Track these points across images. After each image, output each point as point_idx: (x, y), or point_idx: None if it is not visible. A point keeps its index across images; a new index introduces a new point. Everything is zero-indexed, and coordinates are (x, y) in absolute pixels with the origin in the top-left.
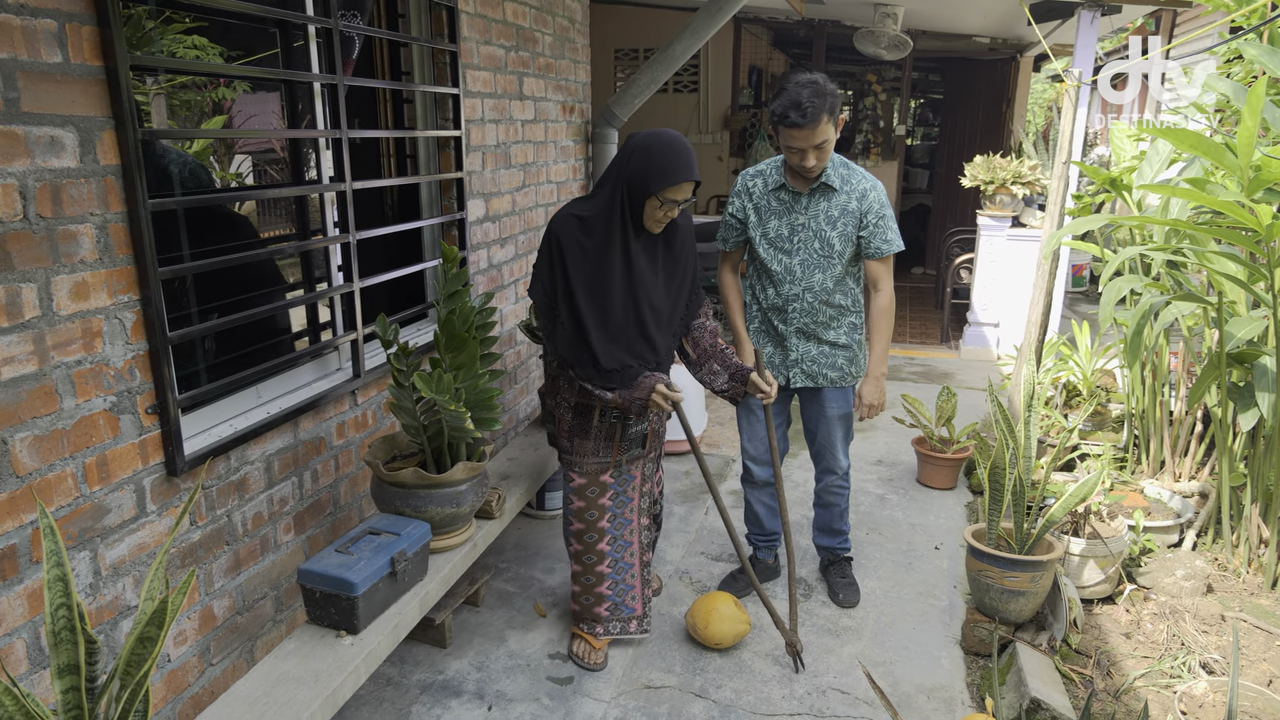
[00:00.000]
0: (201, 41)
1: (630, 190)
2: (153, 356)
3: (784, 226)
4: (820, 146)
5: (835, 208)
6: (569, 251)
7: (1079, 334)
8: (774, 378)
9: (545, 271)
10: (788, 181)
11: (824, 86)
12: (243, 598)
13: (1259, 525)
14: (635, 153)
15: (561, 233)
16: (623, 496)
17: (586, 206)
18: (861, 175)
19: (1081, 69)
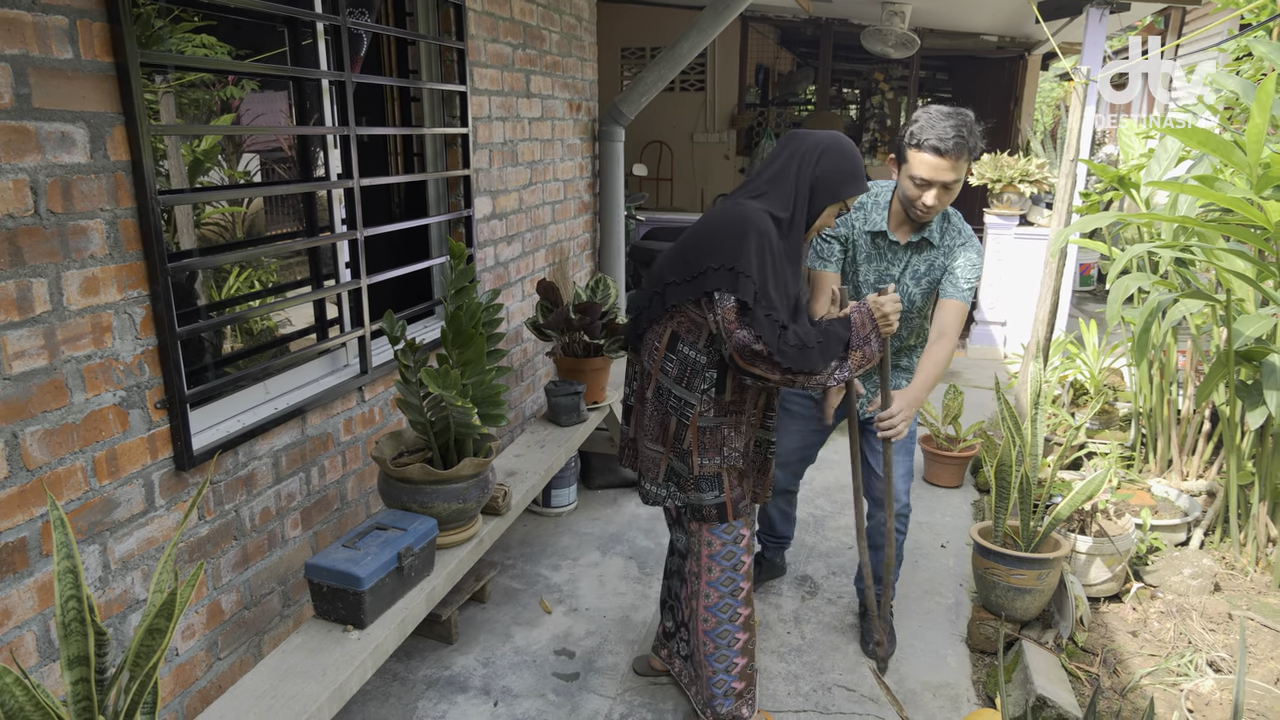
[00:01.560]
0: (210, 40)
1: (817, 192)
2: (161, 351)
3: (871, 273)
4: (948, 187)
5: (923, 262)
6: (775, 249)
7: (1086, 332)
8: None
9: (757, 271)
10: (889, 229)
11: (973, 122)
12: (250, 592)
13: (1267, 524)
14: (825, 154)
15: (763, 227)
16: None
17: (774, 205)
18: (959, 230)
19: (1090, 67)
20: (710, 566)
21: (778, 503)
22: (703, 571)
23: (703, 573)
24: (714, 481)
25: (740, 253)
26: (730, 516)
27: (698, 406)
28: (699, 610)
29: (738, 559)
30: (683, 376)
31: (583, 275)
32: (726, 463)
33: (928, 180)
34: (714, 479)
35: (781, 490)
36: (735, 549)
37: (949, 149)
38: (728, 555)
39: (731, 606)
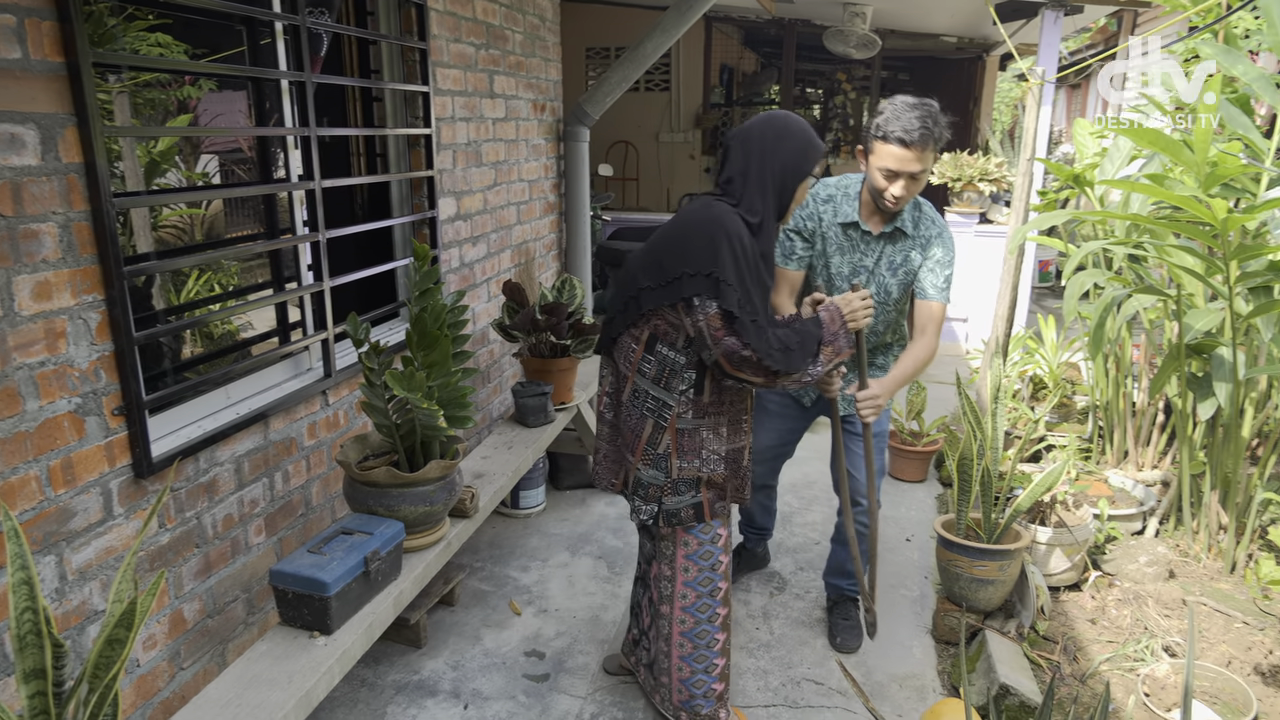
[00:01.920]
0: (165, 39)
1: (786, 178)
2: (118, 357)
3: (845, 265)
4: (916, 177)
5: (899, 253)
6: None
7: (1045, 328)
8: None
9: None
10: (860, 219)
11: (938, 113)
12: (213, 600)
13: (1218, 512)
14: (778, 138)
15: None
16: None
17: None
18: (932, 221)
19: (1045, 68)
20: (687, 567)
21: (758, 497)
22: (678, 572)
23: (678, 574)
24: (692, 484)
25: (716, 258)
26: (707, 517)
27: (675, 408)
28: (675, 613)
29: (715, 559)
30: (660, 377)
31: (549, 276)
32: (706, 466)
33: (895, 171)
34: (692, 482)
35: (761, 485)
36: (713, 549)
37: (914, 140)
38: (705, 555)
39: (710, 607)
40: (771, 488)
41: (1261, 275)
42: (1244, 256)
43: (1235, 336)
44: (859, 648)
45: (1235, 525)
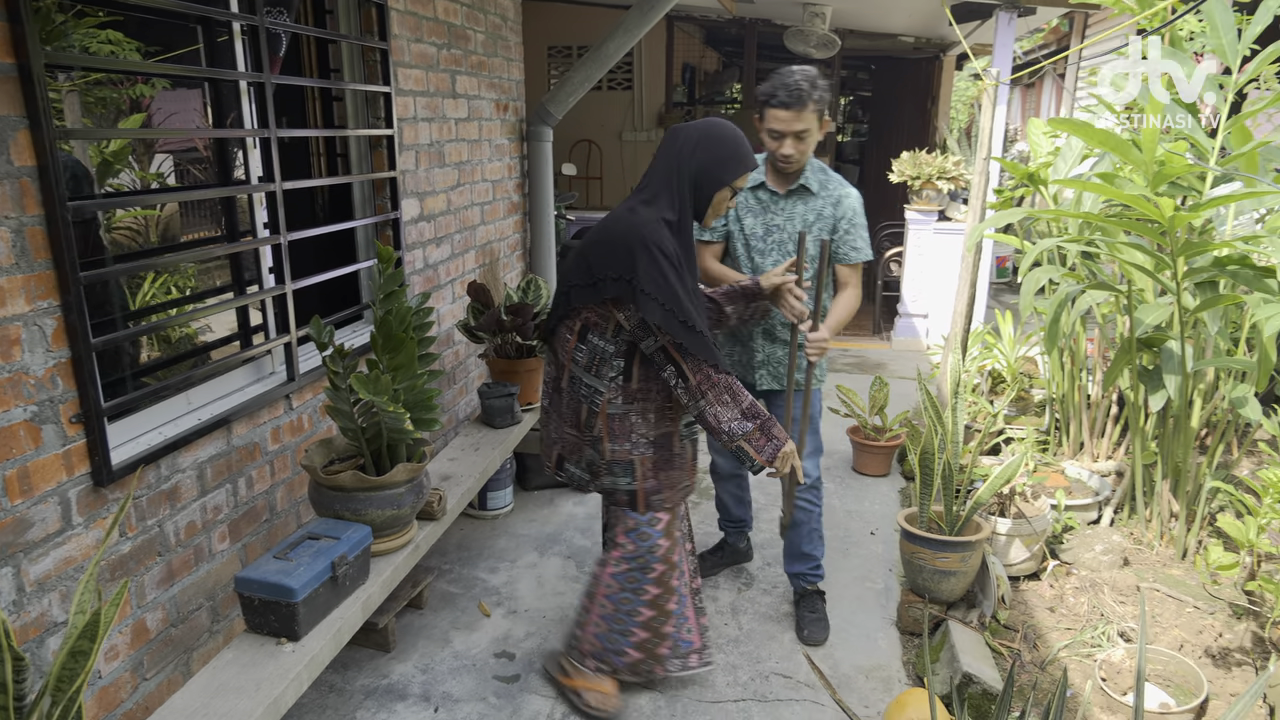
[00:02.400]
0: (117, 36)
1: (700, 183)
2: (76, 364)
3: (759, 225)
4: (801, 136)
5: (811, 211)
6: (670, 256)
7: (1002, 323)
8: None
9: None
10: (767, 181)
11: (816, 77)
12: (177, 609)
13: (1169, 500)
14: (700, 144)
15: (653, 237)
16: (683, 524)
17: (664, 208)
18: (839, 182)
19: (1000, 68)
20: (624, 543)
21: (728, 487)
22: (616, 546)
23: (616, 547)
24: (626, 467)
25: (634, 266)
26: (640, 508)
27: (606, 394)
28: (605, 575)
29: (653, 541)
30: (592, 365)
31: (514, 276)
32: (636, 450)
33: (781, 132)
34: (626, 465)
35: (729, 475)
36: (650, 531)
37: (793, 101)
38: (642, 536)
39: (639, 581)
40: (741, 477)
41: (1207, 271)
42: (1190, 253)
43: (1184, 330)
44: (826, 640)
45: (1186, 513)
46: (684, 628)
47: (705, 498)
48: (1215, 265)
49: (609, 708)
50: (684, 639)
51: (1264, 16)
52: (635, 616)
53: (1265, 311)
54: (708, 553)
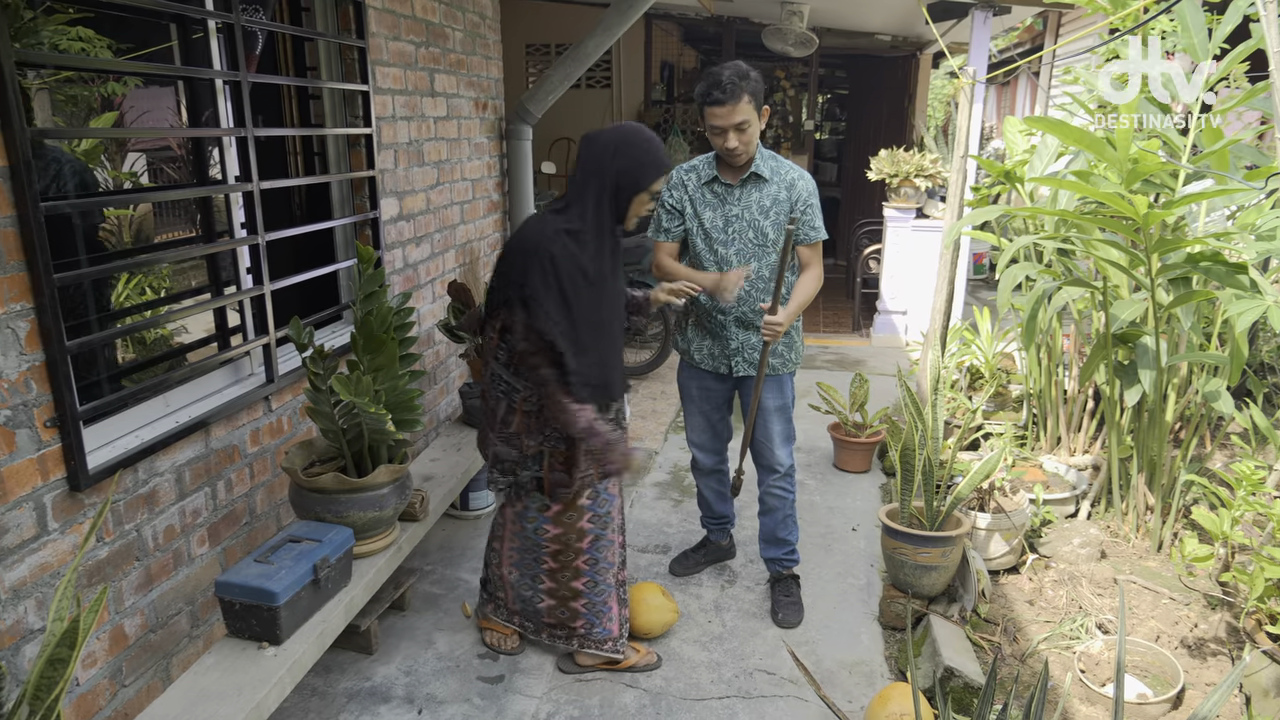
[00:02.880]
0: (88, 34)
1: (619, 188)
2: (50, 367)
3: (719, 218)
4: (741, 127)
5: (767, 198)
6: (562, 269)
7: (980, 319)
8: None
9: (543, 295)
10: (719, 174)
11: (745, 70)
12: (156, 615)
13: (1145, 494)
14: (619, 149)
15: (552, 249)
16: (605, 519)
17: (572, 218)
18: (790, 166)
19: (976, 67)
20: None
21: (709, 483)
22: (508, 522)
23: (508, 524)
24: (537, 459)
25: (527, 276)
26: (546, 490)
27: (522, 391)
28: (504, 549)
29: (539, 525)
30: (510, 362)
31: None
32: (548, 442)
33: (721, 127)
34: (537, 456)
35: (710, 470)
36: (540, 519)
37: (726, 97)
38: (531, 520)
39: (533, 567)
40: (722, 472)
41: (1180, 267)
42: (1164, 249)
43: (1158, 326)
44: (799, 623)
45: (1161, 506)
46: (605, 616)
47: (688, 495)
48: (1188, 261)
49: (507, 646)
50: (603, 627)
51: (1233, 16)
52: (539, 583)
53: (1237, 307)
54: (690, 551)
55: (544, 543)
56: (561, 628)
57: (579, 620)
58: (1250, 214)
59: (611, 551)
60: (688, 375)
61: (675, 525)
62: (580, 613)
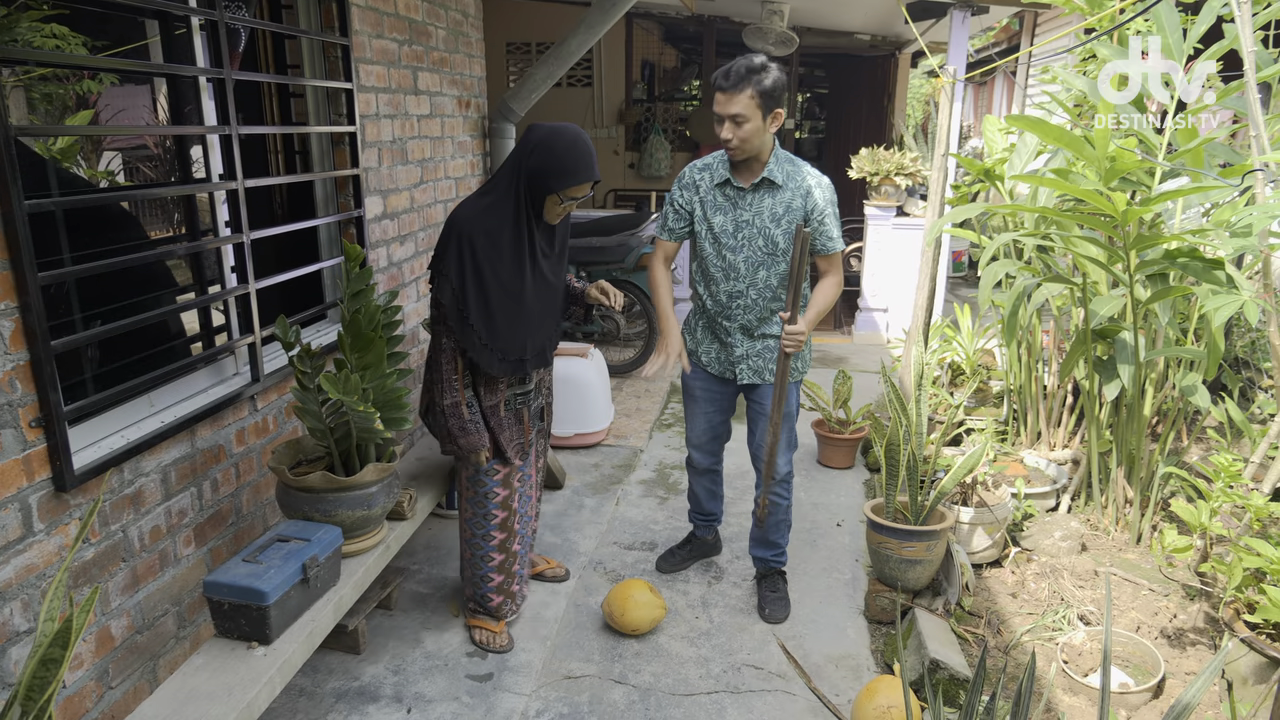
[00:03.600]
0: (62, 30)
1: (531, 186)
2: (35, 366)
3: (728, 223)
4: (736, 120)
5: (780, 205)
6: (479, 249)
7: (961, 316)
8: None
9: (455, 272)
10: (732, 177)
11: (762, 65)
12: (142, 616)
13: (1124, 487)
14: (537, 149)
15: (469, 230)
16: (525, 476)
17: (487, 202)
18: (808, 172)
19: (955, 66)
20: (467, 490)
21: (702, 481)
22: (463, 500)
23: (463, 501)
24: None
25: (445, 253)
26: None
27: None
28: (461, 525)
29: (489, 489)
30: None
31: None
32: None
33: (720, 115)
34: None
35: (705, 470)
36: (487, 480)
37: (727, 84)
38: (478, 484)
39: (484, 526)
40: (716, 472)
41: (1158, 263)
42: (1142, 246)
43: (1136, 321)
44: (786, 618)
45: (1140, 498)
46: (525, 564)
47: (674, 493)
48: (1166, 258)
49: (496, 644)
50: (524, 573)
51: (1207, 17)
52: (489, 561)
53: (1214, 303)
54: (676, 547)
55: (494, 510)
56: (508, 599)
57: (516, 580)
58: (1225, 210)
59: (530, 505)
60: (693, 375)
61: (661, 523)
62: (517, 573)
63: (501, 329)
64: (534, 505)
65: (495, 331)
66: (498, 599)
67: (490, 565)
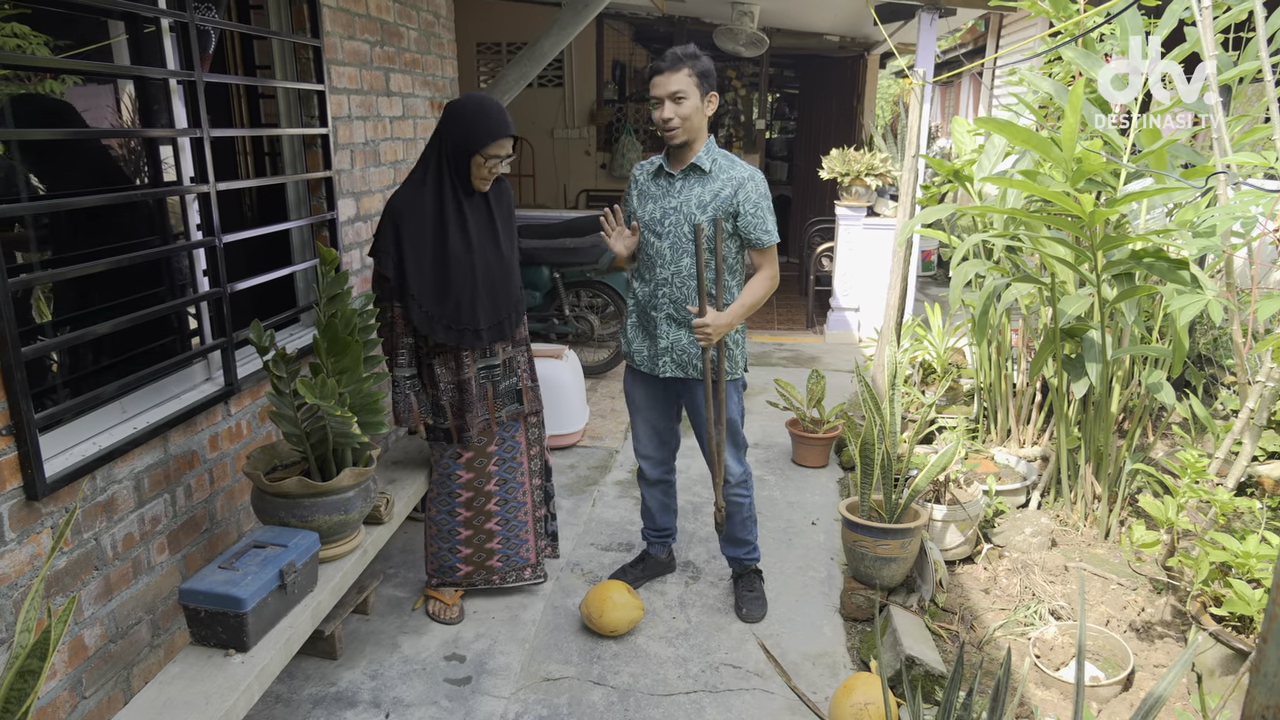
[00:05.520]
0: (23, 30)
1: (454, 154)
2: (4, 374)
3: (657, 210)
4: (676, 98)
5: (707, 193)
6: (405, 224)
7: (931, 315)
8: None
9: (392, 245)
10: (665, 164)
11: (693, 50)
12: (115, 624)
13: (1092, 483)
14: (450, 119)
15: (397, 207)
16: (511, 463)
17: (415, 180)
18: (743, 166)
19: (925, 68)
20: (434, 473)
21: (654, 493)
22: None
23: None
24: (439, 412)
25: (381, 229)
26: (455, 440)
27: (423, 346)
28: (428, 506)
29: (453, 471)
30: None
31: None
32: (444, 395)
33: (658, 98)
34: (438, 409)
35: (656, 481)
36: (451, 464)
37: (665, 65)
38: (444, 467)
39: (450, 504)
40: (669, 483)
41: (1124, 264)
42: (1108, 246)
43: (1103, 320)
44: (764, 617)
45: (1108, 494)
46: (522, 547)
47: None
48: (1132, 258)
49: (447, 615)
50: (520, 556)
51: (1169, 21)
52: (456, 535)
53: (1179, 302)
54: (629, 565)
55: (457, 489)
56: (480, 569)
57: (494, 557)
58: (1187, 211)
59: (522, 491)
60: (631, 381)
61: (638, 524)
62: (496, 550)
63: (441, 297)
64: (529, 492)
65: (437, 299)
66: (465, 569)
67: (458, 539)
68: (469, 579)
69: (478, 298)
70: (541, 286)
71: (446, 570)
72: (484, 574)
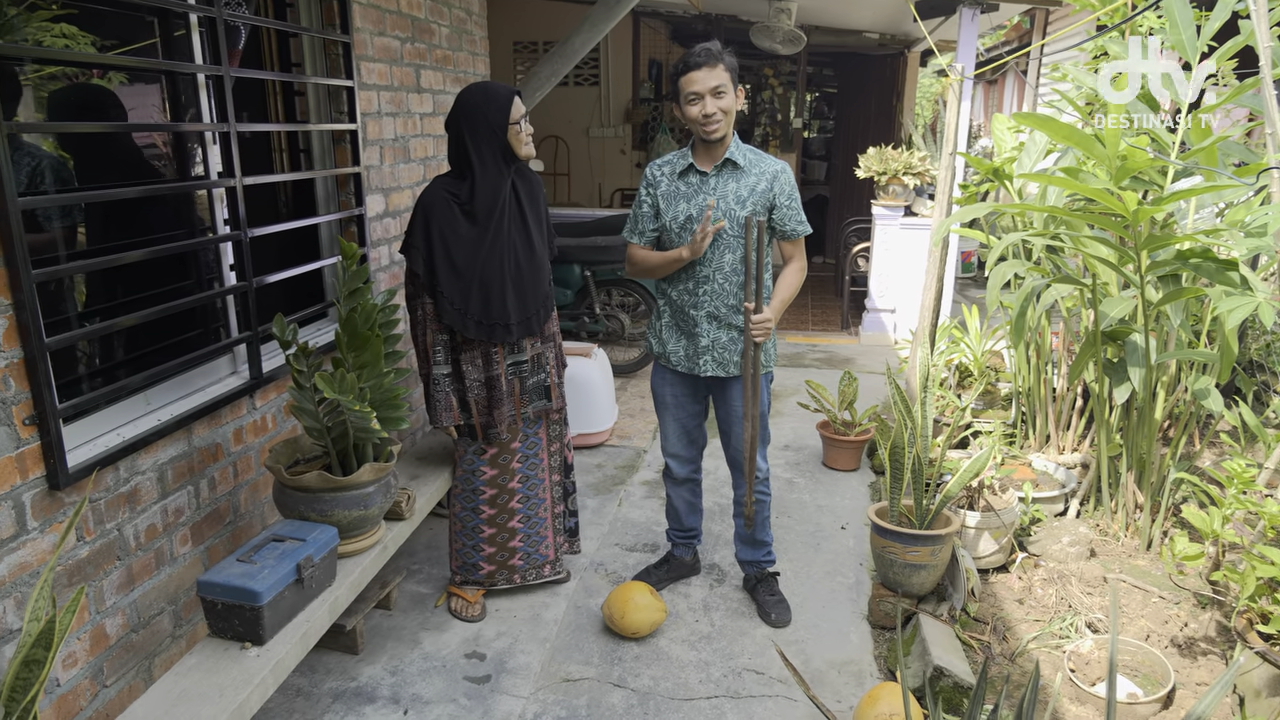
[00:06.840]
0: (71, 30)
1: (491, 137)
2: (29, 364)
3: (693, 208)
4: (718, 92)
5: (744, 188)
6: (436, 215)
7: (969, 317)
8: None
9: (422, 240)
10: (695, 162)
11: (721, 46)
12: (137, 614)
13: (1134, 492)
14: (470, 113)
15: (428, 200)
16: (533, 459)
17: (453, 176)
18: (771, 159)
19: (965, 64)
20: (459, 469)
21: (681, 493)
22: (458, 478)
23: (458, 478)
24: (465, 408)
25: (413, 226)
26: (479, 436)
27: (451, 342)
28: (452, 501)
29: (477, 467)
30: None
31: None
32: (471, 392)
33: (698, 93)
34: (464, 406)
35: (684, 480)
36: (476, 459)
37: (705, 59)
38: (469, 463)
39: (473, 501)
40: (695, 482)
41: (1170, 264)
42: (1153, 246)
43: (1147, 323)
44: (789, 621)
45: (1150, 504)
46: (542, 544)
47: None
48: (1178, 258)
49: (468, 613)
50: (540, 553)
51: (1221, 12)
52: (479, 533)
53: (1228, 304)
54: (653, 566)
55: (481, 487)
56: (502, 569)
57: (517, 555)
58: (1239, 210)
59: (543, 488)
60: (661, 380)
61: (663, 525)
62: (518, 548)
63: (467, 286)
64: (549, 488)
65: (467, 295)
66: (488, 568)
67: (481, 537)
68: (491, 579)
69: (507, 291)
70: (572, 285)
71: (470, 568)
72: (506, 573)
